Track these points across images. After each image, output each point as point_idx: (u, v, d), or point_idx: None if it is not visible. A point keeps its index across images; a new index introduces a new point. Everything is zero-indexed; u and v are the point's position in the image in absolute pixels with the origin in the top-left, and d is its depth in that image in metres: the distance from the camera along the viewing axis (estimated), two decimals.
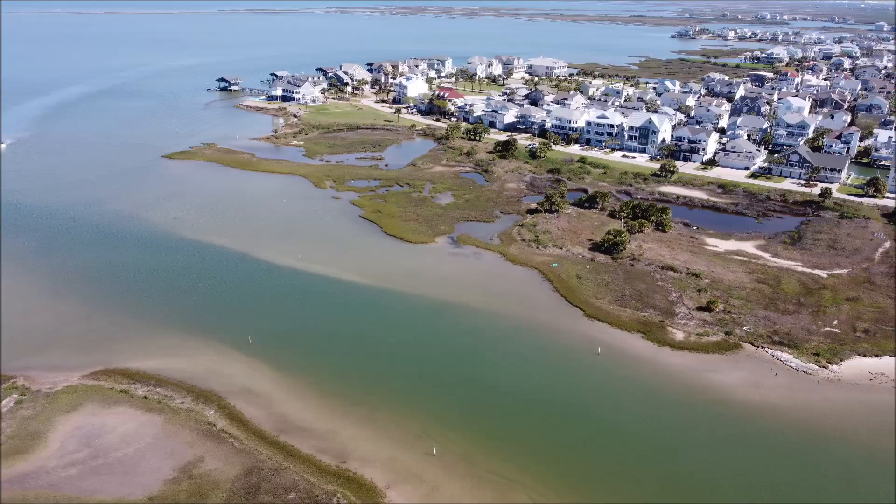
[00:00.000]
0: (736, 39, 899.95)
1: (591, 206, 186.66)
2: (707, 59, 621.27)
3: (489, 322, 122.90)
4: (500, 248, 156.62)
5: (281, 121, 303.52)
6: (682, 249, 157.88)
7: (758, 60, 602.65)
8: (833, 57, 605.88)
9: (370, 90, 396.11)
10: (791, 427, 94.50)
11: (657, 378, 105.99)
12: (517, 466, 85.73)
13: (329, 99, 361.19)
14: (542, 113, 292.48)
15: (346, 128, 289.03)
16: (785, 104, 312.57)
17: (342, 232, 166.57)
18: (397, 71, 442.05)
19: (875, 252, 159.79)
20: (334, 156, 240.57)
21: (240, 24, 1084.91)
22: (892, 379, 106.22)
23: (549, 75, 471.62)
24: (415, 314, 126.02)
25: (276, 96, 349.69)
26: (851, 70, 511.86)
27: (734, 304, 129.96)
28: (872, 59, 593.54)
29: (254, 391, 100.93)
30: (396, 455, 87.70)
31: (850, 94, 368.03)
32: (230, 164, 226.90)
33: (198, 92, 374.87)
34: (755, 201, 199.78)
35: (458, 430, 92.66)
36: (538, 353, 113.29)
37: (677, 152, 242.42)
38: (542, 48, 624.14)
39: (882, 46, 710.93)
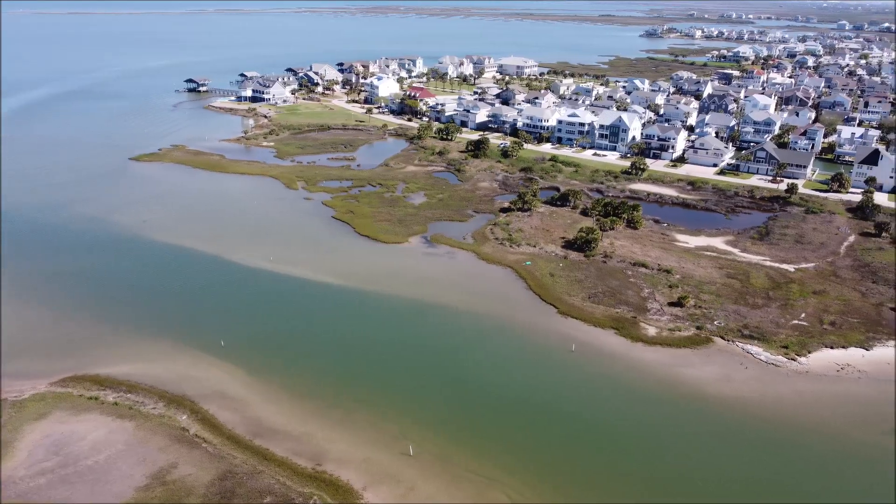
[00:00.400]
0: (703, 38, 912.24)
1: (563, 205, 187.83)
2: (675, 57, 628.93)
3: (464, 321, 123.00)
4: (474, 247, 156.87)
5: (251, 122, 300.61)
6: (653, 246, 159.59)
7: (724, 59, 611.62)
8: (797, 55, 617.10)
9: (341, 90, 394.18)
10: (763, 420, 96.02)
11: (631, 374, 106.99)
12: (495, 465, 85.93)
13: (300, 99, 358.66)
14: (513, 112, 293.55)
15: (318, 128, 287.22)
16: (751, 102, 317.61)
17: (315, 233, 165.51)
18: (368, 71, 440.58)
19: (840, 246, 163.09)
20: (306, 156, 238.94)
21: (208, 24, 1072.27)
22: (859, 369, 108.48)
23: (519, 74, 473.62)
24: (389, 314, 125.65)
25: (245, 97, 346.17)
26: (815, 68, 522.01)
27: (705, 298, 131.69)
28: (835, 57, 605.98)
29: (227, 395, 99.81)
30: (373, 456, 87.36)
31: (814, 91, 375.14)
32: (200, 165, 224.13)
33: (166, 93, 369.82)
34: (724, 198, 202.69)
35: (434, 430, 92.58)
36: (513, 351, 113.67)
37: (647, 150, 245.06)
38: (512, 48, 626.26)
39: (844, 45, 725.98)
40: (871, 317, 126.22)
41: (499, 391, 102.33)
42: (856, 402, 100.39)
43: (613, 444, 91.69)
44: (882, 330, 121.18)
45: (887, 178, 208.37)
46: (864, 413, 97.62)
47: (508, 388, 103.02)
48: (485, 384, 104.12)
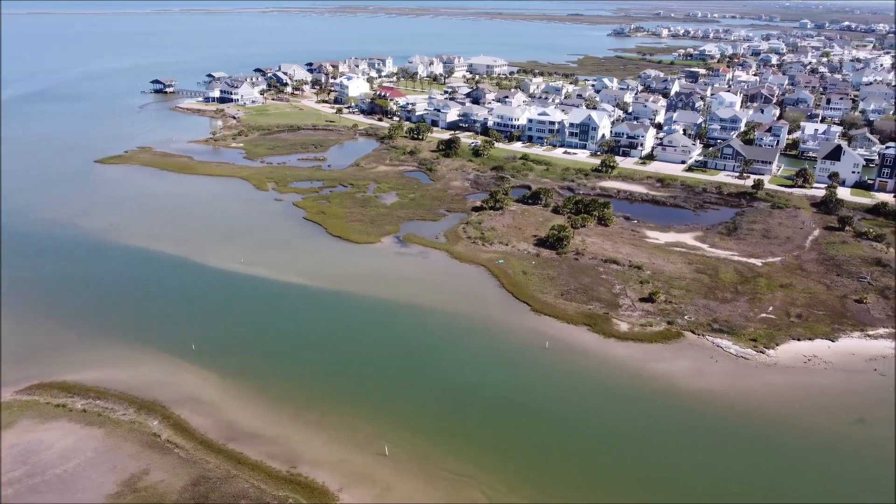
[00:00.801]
0: (670, 37, 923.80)
1: (534, 203, 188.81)
2: (643, 56, 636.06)
3: (438, 320, 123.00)
4: (447, 246, 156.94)
5: (219, 123, 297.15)
6: (624, 243, 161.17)
7: (691, 57, 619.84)
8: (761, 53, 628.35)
9: (311, 90, 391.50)
10: (733, 412, 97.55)
11: (604, 369, 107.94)
12: (470, 463, 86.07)
13: (269, 100, 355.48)
14: (484, 111, 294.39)
15: (287, 129, 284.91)
16: (717, 99, 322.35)
17: (286, 234, 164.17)
18: (338, 71, 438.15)
19: (805, 240, 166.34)
20: (276, 157, 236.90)
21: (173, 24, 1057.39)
22: (825, 360, 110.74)
23: (489, 74, 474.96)
24: (363, 315, 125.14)
25: (213, 98, 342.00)
26: (779, 66, 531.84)
27: (675, 294, 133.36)
28: (798, 55, 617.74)
29: (199, 399, 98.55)
30: (348, 457, 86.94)
31: (778, 88, 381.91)
32: (167, 167, 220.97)
33: (131, 94, 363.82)
34: (692, 194, 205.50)
35: (409, 430, 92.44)
36: (487, 349, 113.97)
37: (617, 148, 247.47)
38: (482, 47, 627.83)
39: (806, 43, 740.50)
40: (836, 309, 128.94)
41: (473, 389, 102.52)
42: (822, 392, 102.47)
43: (588, 439, 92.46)
44: (846, 321, 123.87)
45: (849, 174, 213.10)
46: (831, 403, 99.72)
47: (483, 387, 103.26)
48: (459, 383, 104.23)
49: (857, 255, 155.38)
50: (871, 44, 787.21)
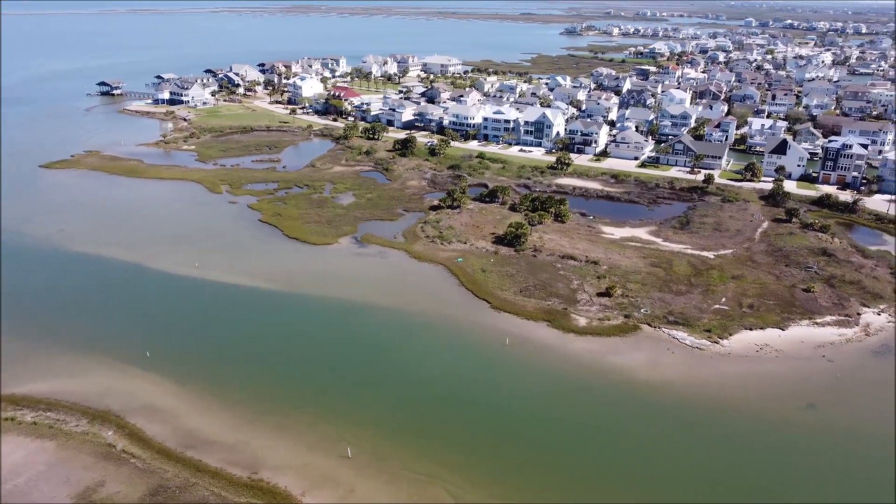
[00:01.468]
0: (620, 36, 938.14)
1: (492, 201, 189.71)
2: (594, 54, 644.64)
3: (398, 320, 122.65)
4: (405, 245, 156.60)
5: (170, 125, 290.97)
6: (580, 238, 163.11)
7: (641, 55, 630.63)
8: (709, 51, 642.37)
9: (263, 91, 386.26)
10: (690, 401, 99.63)
11: (564, 364, 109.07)
12: (434, 461, 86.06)
13: (220, 101, 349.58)
14: (439, 110, 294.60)
15: (240, 130, 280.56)
16: (668, 96, 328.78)
17: (241, 237, 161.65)
18: (290, 71, 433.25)
19: (755, 232, 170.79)
20: (229, 159, 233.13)
21: (119, 24, 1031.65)
22: (776, 349, 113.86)
23: (444, 73, 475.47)
24: (322, 316, 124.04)
25: (163, 100, 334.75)
26: (726, 63, 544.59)
27: (631, 288, 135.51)
28: (744, 52, 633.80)
29: (155, 407, 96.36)
30: (310, 460, 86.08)
31: (725, 85, 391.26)
32: (116, 171, 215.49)
33: (77, 97, 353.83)
34: (646, 189, 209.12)
35: (372, 430, 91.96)
36: (448, 347, 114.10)
37: (571, 145, 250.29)
38: (436, 46, 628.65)
39: (752, 41, 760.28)
40: (785, 298, 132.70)
41: (435, 388, 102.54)
42: (774, 379, 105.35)
43: (550, 434, 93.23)
44: (795, 310, 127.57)
45: (795, 167, 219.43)
46: (782, 390, 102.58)
47: (445, 385, 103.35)
48: (421, 382, 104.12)
49: (804, 245, 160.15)
50: (812, 41, 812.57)
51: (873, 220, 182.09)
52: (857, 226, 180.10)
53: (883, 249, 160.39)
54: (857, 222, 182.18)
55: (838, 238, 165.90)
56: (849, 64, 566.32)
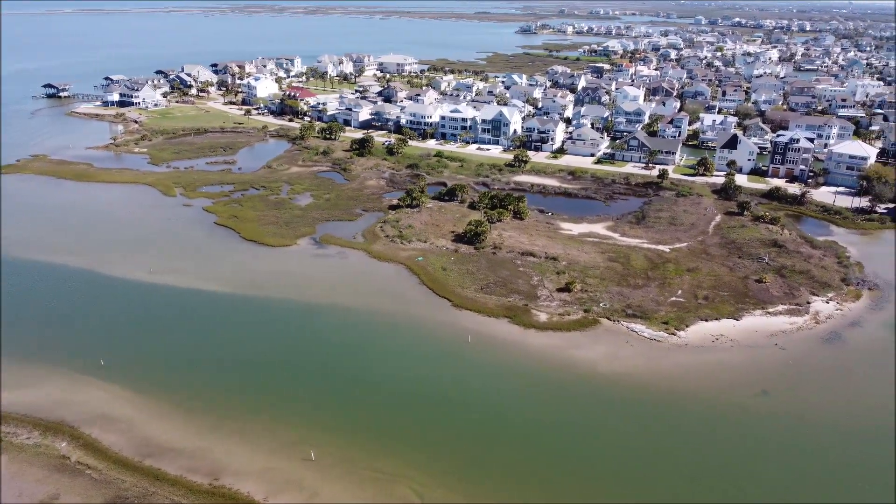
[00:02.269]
0: (574, 34, 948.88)
1: (451, 199, 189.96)
2: (549, 52, 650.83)
3: (359, 320, 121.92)
4: (365, 245, 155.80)
5: (120, 127, 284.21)
6: (539, 235, 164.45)
7: (595, 53, 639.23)
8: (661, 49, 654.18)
9: (217, 92, 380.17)
10: (650, 392, 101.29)
11: (526, 359, 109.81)
12: (399, 461, 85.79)
13: (172, 102, 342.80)
14: (396, 109, 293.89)
15: (193, 132, 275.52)
16: (622, 93, 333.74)
17: (197, 240, 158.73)
18: (244, 71, 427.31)
19: (708, 225, 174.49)
20: (182, 161, 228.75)
21: (65, 25, 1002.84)
22: (731, 339, 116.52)
23: (400, 72, 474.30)
24: (282, 318, 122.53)
25: (112, 102, 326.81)
26: (677, 60, 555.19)
27: (590, 282, 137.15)
28: (694, 50, 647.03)
29: (111, 417, 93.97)
30: (273, 465, 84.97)
31: (677, 82, 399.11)
32: (65, 175, 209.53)
33: (21, 100, 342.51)
34: (602, 185, 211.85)
35: (335, 432, 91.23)
36: (410, 346, 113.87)
37: (528, 143, 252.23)
38: (391, 45, 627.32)
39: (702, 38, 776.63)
40: (738, 289, 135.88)
41: (398, 387, 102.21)
42: (729, 368, 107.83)
43: (514, 429, 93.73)
44: (749, 301, 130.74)
45: (746, 161, 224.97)
46: (737, 378, 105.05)
47: (407, 384, 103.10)
48: (383, 381, 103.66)
49: (756, 237, 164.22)
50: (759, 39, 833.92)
51: (820, 212, 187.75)
52: (805, 217, 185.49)
53: (830, 240, 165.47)
54: (806, 214, 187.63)
55: (788, 230, 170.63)
56: (794, 61, 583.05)
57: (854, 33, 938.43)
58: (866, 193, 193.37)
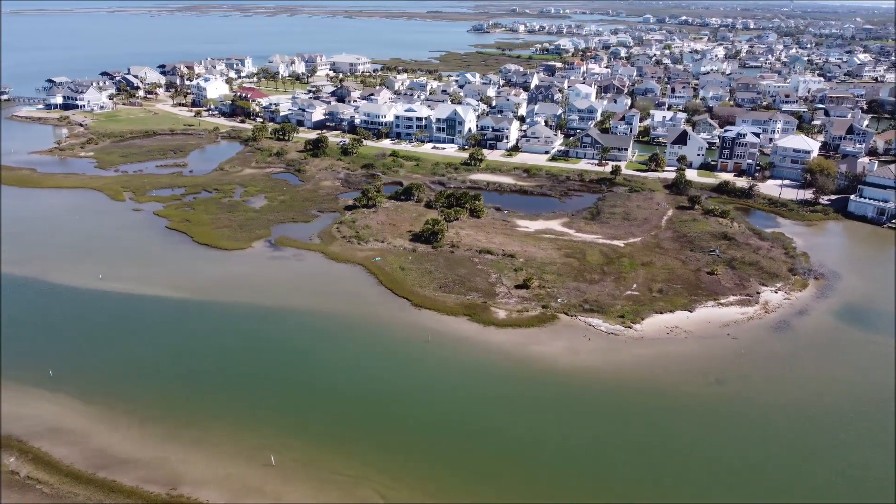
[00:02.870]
0: (526, 33, 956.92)
1: (407, 199, 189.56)
2: (502, 51, 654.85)
3: (318, 322, 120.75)
4: (322, 246, 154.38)
5: (65, 131, 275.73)
6: (496, 233, 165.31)
7: (547, 52, 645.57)
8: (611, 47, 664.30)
9: (165, 93, 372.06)
10: (608, 384, 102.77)
11: (486, 357, 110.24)
12: (361, 462, 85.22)
13: (119, 105, 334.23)
14: (350, 109, 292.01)
15: (142, 135, 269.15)
16: (574, 91, 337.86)
17: (148, 245, 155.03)
18: (193, 72, 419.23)
19: (661, 220, 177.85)
20: (131, 165, 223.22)
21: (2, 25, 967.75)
22: (685, 330, 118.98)
23: (353, 72, 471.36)
24: (238, 323, 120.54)
25: (55, 104, 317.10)
26: (627, 58, 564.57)
27: (547, 279, 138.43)
28: (643, 48, 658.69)
29: (62, 429, 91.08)
30: (233, 472, 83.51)
31: (628, 79, 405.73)
32: (7, 181, 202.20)
33: None
34: (557, 182, 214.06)
35: (296, 436, 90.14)
36: (370, 347, 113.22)
37: (483, 141, 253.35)
38: (344, 45, 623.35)
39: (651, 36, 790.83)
40: (691, 282, 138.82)
41: (358, 388, 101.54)
42: (685, 359, 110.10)
43: (475, 427, 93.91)
44: (701, 292, 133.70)
45: (695, 156, 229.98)
46: (692, 368, 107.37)
47: (368, 385, 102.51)
48: (343, 383, 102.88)
49: (706, 231, 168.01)
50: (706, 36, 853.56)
51: (767, 204, 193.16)
52: (753, 210, 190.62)
53: (777, 231, 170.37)
54: (754, 207, 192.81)
55: (737, 222, 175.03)
56: (740, 58, 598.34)
57: (795, 31, 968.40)
58: (810, 186, 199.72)
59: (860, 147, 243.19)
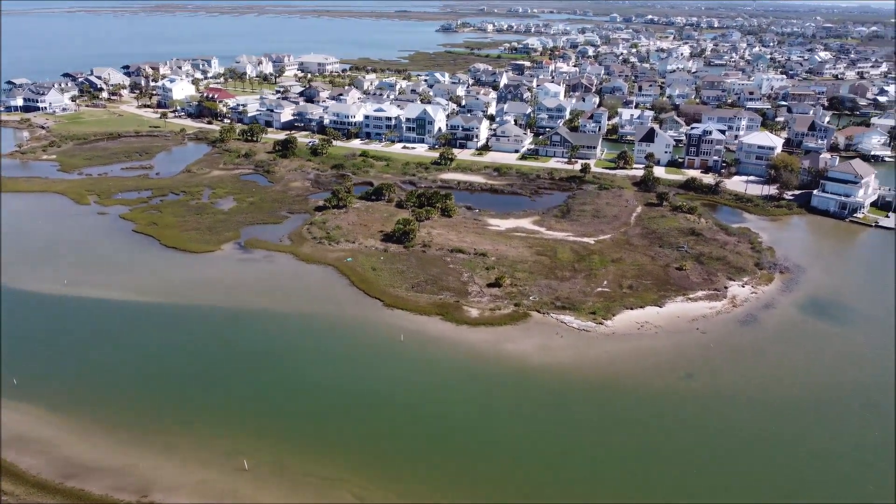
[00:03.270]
0: (495, 32, 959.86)
1: (378, 199, 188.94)
2: (471, 50, 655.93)
3: (290, 324, 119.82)
4: (292, 248, 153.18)
5: (26, 134, 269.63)
6: (468, 232, 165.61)
7: (516, 51, 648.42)
8: (579, 46, 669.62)
9: (130, 95, 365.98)
10: (580, 381, 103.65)
11: (460, 356, 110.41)
12: (335, 464, 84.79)
13: (82, 107, 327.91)
14: (319, 109, 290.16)
15: (106, 137, 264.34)
16: (543, 90, 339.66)
17: (115, 249, 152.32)
18: (158, 73, 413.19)
19: (630, 217, 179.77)
20: (95, 168, 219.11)
21: None
22: (655, 325, 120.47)
23: (321, 72, 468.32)
24: (208, 327, 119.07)
25: (16, 107, 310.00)
26: (595, 57, 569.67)
27: (519, 277, 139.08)
28: (611, 46, 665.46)
29: (28, 438, 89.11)
30: (205, 477, 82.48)
31: (596, 78, 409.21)
32: None
33: None
34: (527, 181, 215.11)
35: (269, 440, 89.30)
36: (342, 348, 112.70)
37: (453, 140, 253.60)
38: (312, 45, 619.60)
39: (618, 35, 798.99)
40: (660, 277, 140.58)
41: (331, 390, 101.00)
42: (655, 354, 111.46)
43: (449, 426, 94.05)
44: (670, 288, 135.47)
45: (663, 153, 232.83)
46: (663, 363, 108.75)
47: (341, 386, 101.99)
48: (316, 385, 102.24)
49: (675, 227, 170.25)
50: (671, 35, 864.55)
51: (734, 200, 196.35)
52: (720, 206, 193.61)
53: (743, 227, 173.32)
54: (720, 202, 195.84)
55: (704, 218, 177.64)
56: (705, 56, 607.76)
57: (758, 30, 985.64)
58: (774, 181, 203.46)
59: (822, 143, 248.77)
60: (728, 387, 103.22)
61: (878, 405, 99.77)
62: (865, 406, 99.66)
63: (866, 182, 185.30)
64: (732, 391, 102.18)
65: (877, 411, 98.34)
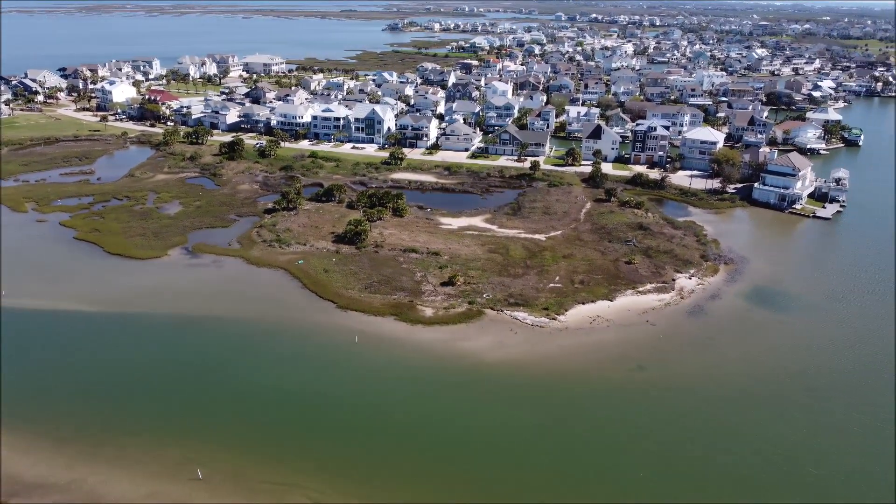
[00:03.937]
0: (442, 31, 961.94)
1: (328, 200, 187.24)
2: (419, 50, 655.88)
3: (241, 330, 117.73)
4: (242, 252, 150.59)
5: None
6: (420, 231, 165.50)
7: (463, 50, 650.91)
8: (525, 44, 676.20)
9: (67, 98, 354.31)
10: (535, 376, 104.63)
11: (415, 355, 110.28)
12: (291, 470, 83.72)
13: (16, 111, 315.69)
14: (266, 110, 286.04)
15: (43, 141, 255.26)
16: (491, 89, 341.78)
17: (55, 258, 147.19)
18: (97, 75, 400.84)
19: (580, 213, 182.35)
20: (32, 174, 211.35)
21: None
22: (606, 319, 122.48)
23: (267, 72, 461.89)
24: (156, 334, 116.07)
25: None
26: (541, 55, 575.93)
27: (472, 275, 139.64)
28: (557, 45, 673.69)
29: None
30: (158, 488, 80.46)
31: (542, 76, 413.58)
32: None
33: None
34: (478, 179, 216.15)
35: (223, 448, 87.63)
36: (296, 351, 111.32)
37: (403, 140, 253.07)
38: (257, 45, 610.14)
39: (563, 34, 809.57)
40: (610, 272, 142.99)
41: (285, 394, 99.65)
42: (607, 347, 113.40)
43: (406, 425, 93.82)
44: (620, 282, 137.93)
45: (610, 150, 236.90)
46: (615, 355, 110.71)
47: (295, 390, 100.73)
48: (269, 390, 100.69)
49: (623, 222, 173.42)
50: (615, 33, 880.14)
51: (679, 195, 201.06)
52: (666, 200, 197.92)
53: (689, 220, 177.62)
54: (666, 197, 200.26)
55: (651, 213, 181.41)
56: (648, 54, 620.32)
57: (698, 27, 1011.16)
58: (717, 175, 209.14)
59: (761, 137, 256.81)
60: (678, 377, 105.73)
61: (818, 389, 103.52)
62: (808, 391, 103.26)
63: (804, 174, 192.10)
64: (682, 381, 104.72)
65: (818, 395, 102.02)
